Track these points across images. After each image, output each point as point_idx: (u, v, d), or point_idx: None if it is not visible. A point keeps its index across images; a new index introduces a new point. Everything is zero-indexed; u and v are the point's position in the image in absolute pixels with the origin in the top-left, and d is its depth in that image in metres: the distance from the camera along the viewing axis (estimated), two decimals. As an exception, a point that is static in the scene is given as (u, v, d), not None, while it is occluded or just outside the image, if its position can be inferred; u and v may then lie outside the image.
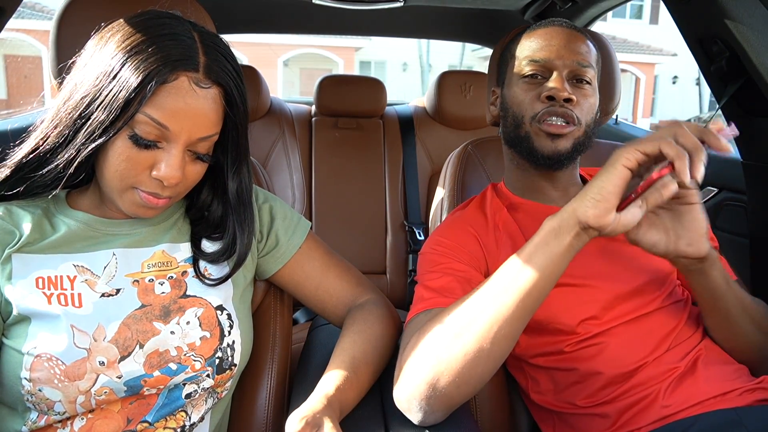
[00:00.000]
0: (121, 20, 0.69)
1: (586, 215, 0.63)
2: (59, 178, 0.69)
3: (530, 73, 0.92)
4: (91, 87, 0.66)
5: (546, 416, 0.93)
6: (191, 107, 0.67)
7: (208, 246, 0.81)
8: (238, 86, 0.72)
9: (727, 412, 0.76)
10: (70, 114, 0.67)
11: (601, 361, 0.84)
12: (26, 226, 0.72)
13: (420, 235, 1.98)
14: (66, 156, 0.67)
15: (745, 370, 0.85)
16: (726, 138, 0.63)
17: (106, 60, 0.66)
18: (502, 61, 1.02)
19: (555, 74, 0.90)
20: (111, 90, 0.64)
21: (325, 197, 2.03)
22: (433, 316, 0.74)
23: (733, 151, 0.59)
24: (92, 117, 0.65)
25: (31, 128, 0.72)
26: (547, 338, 0.88)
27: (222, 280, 0.79)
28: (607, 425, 0.82)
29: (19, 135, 0.73)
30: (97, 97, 0.65)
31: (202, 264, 0.80)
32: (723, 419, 0.75)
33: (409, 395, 0.70)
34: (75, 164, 0.67)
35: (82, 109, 0.66)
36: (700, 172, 0.59)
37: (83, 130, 0.66)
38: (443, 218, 1.12)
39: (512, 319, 0.66)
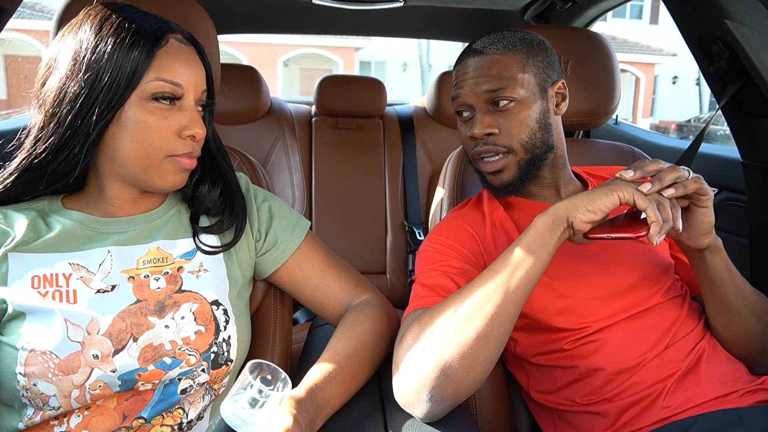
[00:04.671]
0: (80, 15, 0.73)
1: (575, 217, 0.71)
2: (72, 169, 0.72)
3: (457, 110, 0.94)
4: (89, 78, 0.68)
5: (547, 415, 0.93)
6: (189, 62, 0.74)
7: (206, 221, 0.84)
8: (203, 49, 0.80)
9: (728, 413, 0.76)
10: (69, 108, 0.69)
11: (601, 357, 0.84)
12: (21, 227, 0.73)
13: (420, 235, 1.98)
14: (79, 142, 0.70)
15: (745, 369, 0.86)
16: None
17: (88, 47, 0.69)
18: None
19: (473, 111, 0.92)
20: (113, 68, 0.68)
21: (325, 197, 2.03)
22: (437, 308, 0.74)
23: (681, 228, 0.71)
24: (98, 101, 0.69)
25: (23, 132, 0.74)
26: (547, 337, 0.88)
27: (230, 245, 0.82)
28: (608, 424, 0.82)
29: (18, 135, 0.74)
30: (98, 85, 0.68)
31: (204, 250, 0.81)
32: (724, 419, 0.75)
33: (417, 385, 0.70)
34: (88, 144, 0.70)
35: (83, 98, 0.68)
36: (659, 239, 0.67)
37: (91, 114, 0.69)
38: (443, 218, 1.12)
39: (516, 301, 0.72)
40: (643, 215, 0.70)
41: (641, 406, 0.81)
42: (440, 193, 1.19)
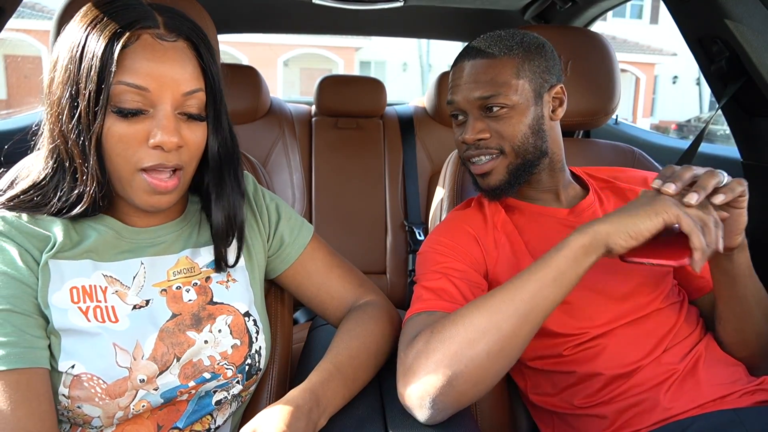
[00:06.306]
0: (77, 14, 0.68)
1: (616, 243, 0.68)
2: (92, 188, 0.66)
3: (452, 113, 0.94)
4: (67, 84, 0.64)
5: (545, 417, 0.93)
6: (162, 62, 0.65)
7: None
8: (203, 39, 0.70)
9: (727, 413, 0.76)
10: (65, 120, 0.65)
11: (600, 362, 0.84)
12: (57, 231, 0.69)
13: (420, 235, 1.98)
14: (91, 163, 0.65)
15: (744, 371, 0.85)
16: None
17: (68, 48, 0.65)
18: None
19: (466, 116, 0.91)
20: (81, 74, 0.63)
21: (325, 197, 2.03)
22: (452, 316, 0.72)
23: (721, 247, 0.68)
24: (80, 109, 0.63)
25: (37, 140, 0.70)
26: (546, 342, 0.88)
27: (234, 263, 0.79)
28: (606, 426, 0.82)
29: (18, 135, 0.74)
30: (77, 90, 0.63)
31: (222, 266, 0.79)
32: (722, 419, 0.75)
33: (422, 392, 0.68)
34: (92, 162, 0.64)
35: (68, 109, 0.64)
36: (699, 265, 0.65)
37: (81, 127, 0.64)
38: (443, 218, 1.12)
39: (536, 321, 0.69)
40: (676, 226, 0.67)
41: (639, 408, 0.81)
42: (440, 193, 1.19)
